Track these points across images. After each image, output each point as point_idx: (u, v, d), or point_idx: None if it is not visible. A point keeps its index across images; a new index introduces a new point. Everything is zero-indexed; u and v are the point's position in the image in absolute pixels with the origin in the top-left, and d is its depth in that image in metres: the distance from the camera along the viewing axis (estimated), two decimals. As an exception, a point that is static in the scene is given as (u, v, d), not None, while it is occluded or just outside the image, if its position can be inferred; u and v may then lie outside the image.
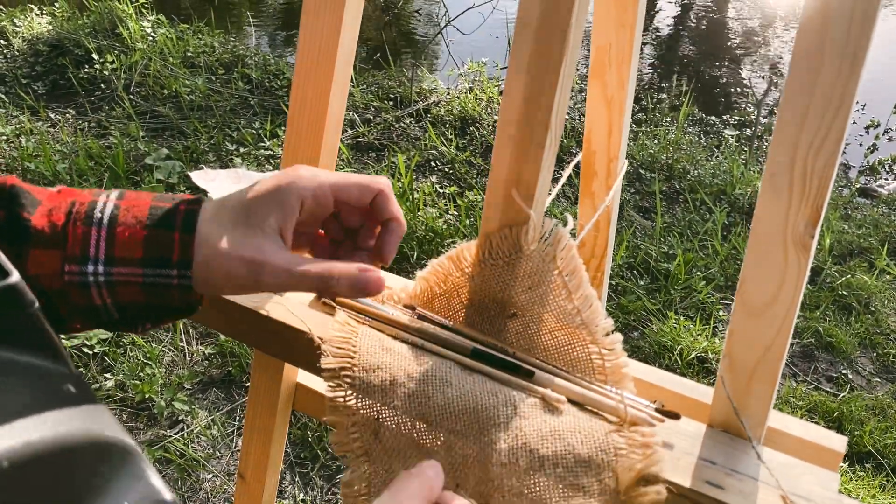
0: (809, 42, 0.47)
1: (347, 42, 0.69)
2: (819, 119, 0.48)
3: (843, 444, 0.59)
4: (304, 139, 0.73)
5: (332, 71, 0.69)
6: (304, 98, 0.71)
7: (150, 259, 0.52)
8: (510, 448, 0.55)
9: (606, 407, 0.57)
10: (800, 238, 0.52)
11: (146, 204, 0.54)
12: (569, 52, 0.57)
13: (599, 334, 0.61)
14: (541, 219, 0.61)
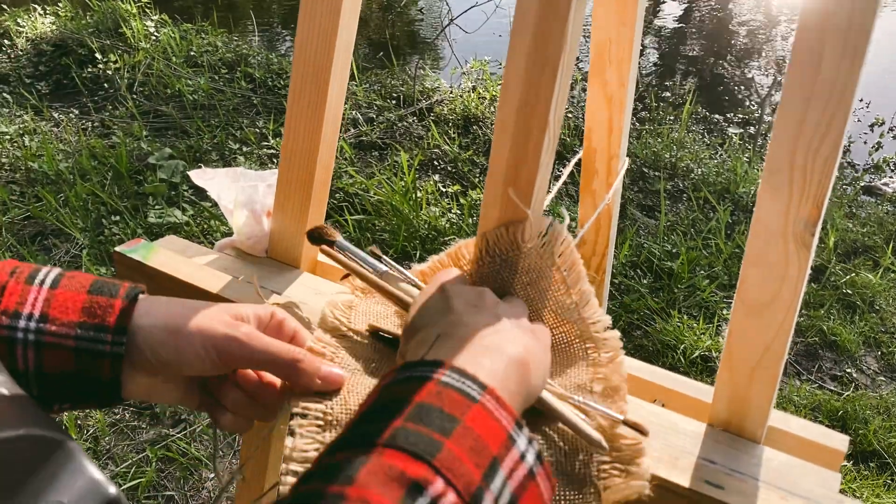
0: (809, 38, 0.46)
1: (346, 33, 0.69)
2: (819, 115, 0.47)
3: (844, 444, 0.58)
4: (301, 138, 0.72)
5: (331, 64, 0.69)
6: (302, 95, 0.71)
7: (87, 323, 0.52)
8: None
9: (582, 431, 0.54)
10: (800, 236, 0.51)
11: (91, 277, 0.55)
12: (566, 51, 0.57)
13: (598, 330, 0.60)
14: (539, 216, 0.61)
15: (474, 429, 0.40)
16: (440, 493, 0.36)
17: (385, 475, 0.36)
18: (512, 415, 0.42)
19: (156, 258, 0.76)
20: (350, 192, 2.82)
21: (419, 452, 0.37)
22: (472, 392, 0.42)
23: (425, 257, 2.34)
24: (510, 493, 0.39)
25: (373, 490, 0.35)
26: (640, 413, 0.60)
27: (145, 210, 2.72)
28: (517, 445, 0.41)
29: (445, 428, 0.39)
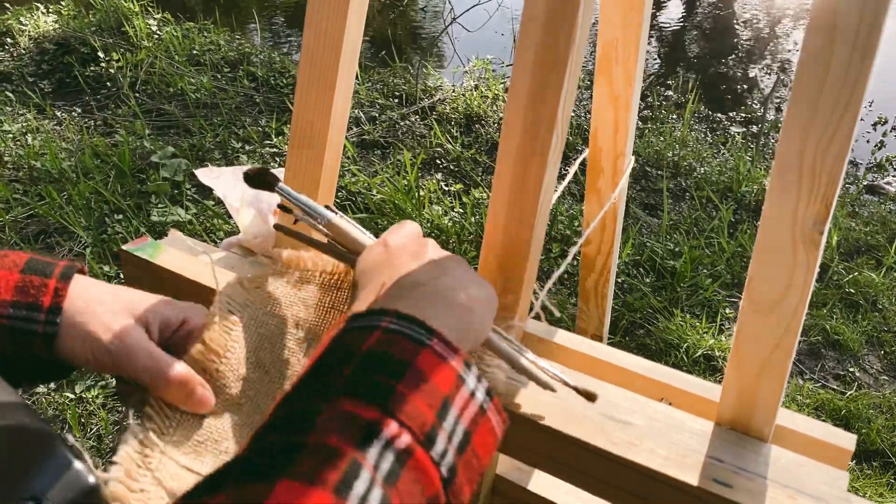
0: (819, 37, 0.46)
1: (353, 35, 0.69)
2: (829, 114, 0.47)
3: (851, 442, 0.58)
4: (308, 134, 0.72)
5: (337, 67, 0.69)
6: (309, 91, 0.71)
7: (19, 303, 0.52)
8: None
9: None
10: (809, 234, 0.51)
11: (27, 255, 0.55)
12: (575, 48, 0.57)
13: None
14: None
15: (424, 371, 0.41)
16: (395, 434, 0.38)
17: (341, 421, 0.37)
18: (460, 355, 0.44)
19: (162, 257, 0.77)
20: (353, 190, 2.82)
21: (372, 398, 0.39)
22: (420, 337, 0.43)
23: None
24: (463, 430, 0.41)
25: (330, 436, 0.36)
26: (646, 412, 0.60)
27: (148, 208, 2.72)
28: (467, 384, 0.43)
29: (396, 373, 0.40)
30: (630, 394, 0.62)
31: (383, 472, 0.36)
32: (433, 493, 0.38)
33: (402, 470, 0.37)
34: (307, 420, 0.38)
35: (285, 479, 0.34)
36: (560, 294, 2.52)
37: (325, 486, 0.34)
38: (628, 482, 0.56)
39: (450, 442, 0.40)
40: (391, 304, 0.47)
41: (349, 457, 0.36)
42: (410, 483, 0.37)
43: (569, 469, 0.59)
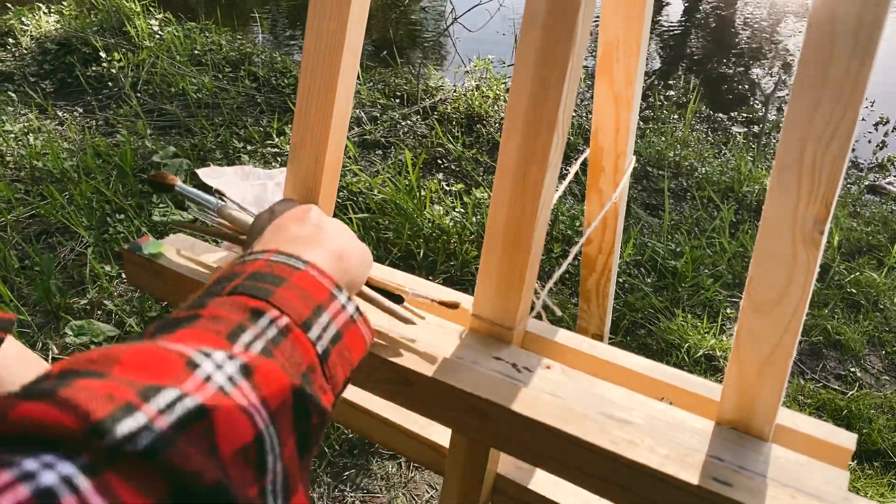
0: (819, 34, 0.46)
1: (354, 34, 0.69)
2: (829, 113, 0.47)
3: (852, 442, 0.58)
4: (310, 134, 0.72)
5: (339, 63, 0.69)
6: (311, 92, 0.71)
7: None
8: None
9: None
10: (809, 234, 0.51)
11: None
12: (576, 47, 0.57)
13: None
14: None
15: (301, 285, 0.48)
16: (276, 316, 0.44)
17: (231, 304, 0.44)
18: (332, 280, 0.50)
19: (163, 256, 0.77)
20: (354, 190, 2.82)
21: (257, 294, 0.45)
22: (297, 265, 0.50)
23: (430, 255, 2.33)
24: (336, 329, 0.48)
25: (221, 310, 0.43)
26: (646, 410, 0.60)
27: (150, 208, 2.73)
28: (339, 299, 0.50)
29: (277, 282, 0.47)
30: (630, 393, 0.62)
31: (268, 336, 0.43)
32: (311, 362, 0.44)
33: (283, 338, 0.43)
34: (202, 303, 0.44)
35: (184, 329, 0.41)
36: (561, 294, 2.52)
37: (218, 333, 0.41)
38: (628, 481, 0.56)
39: (324, 331, 0.47)
40: (280, 239, 0.55)
41: (237, 321, 0.42)
42: (290, 348, 0.43)
43: (569, 468, 0.59)
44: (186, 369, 0.36)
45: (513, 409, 0.59)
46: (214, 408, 0.35)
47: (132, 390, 0.33)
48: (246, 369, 0.39)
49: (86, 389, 0.32)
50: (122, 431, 0.31)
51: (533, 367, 0.65)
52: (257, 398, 0.38)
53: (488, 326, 0.68)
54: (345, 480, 1.84)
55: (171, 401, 0.34)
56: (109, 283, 2.38)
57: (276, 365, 0.41)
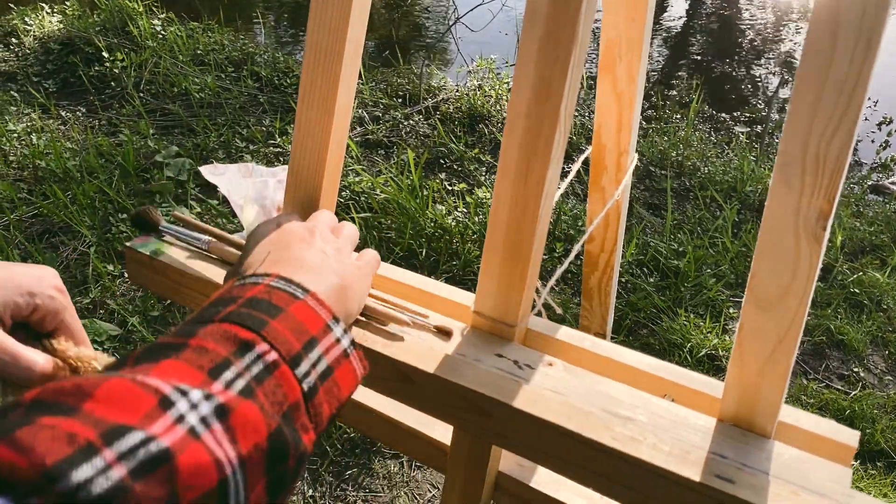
0: (822, 28, 0.46)
1: (356, 34, 0.69)
2: (831, 109, 0.47)
3: (855, 439, 0.58)
4: (312, 133, 0.72)
5: (340, 64, 0.69)
6: (313, 91, 0.71)
7: None
8: None
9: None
10: (811, 230, 0.51)
11: None
12: (578, 45, 0.57)
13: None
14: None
15: (296, 316, 0.48)
16: (265, 350, 0.44)
17: (220, 335, 0.44)
18: (330, 312, 0.51)
19: (166, 253, 0.77)
20: (356, 190, 2.82)
21: (249, 325, 0.45)
22: (297, 293, 0.50)
23: (432, 255, 2.32)
24: (326, 364, 0.48)
25: (209, 341, 0.43)
26: (649, 408, 0.60)
27: (152, 208, 2.73)
28: (334, 332, 0.50)
29: (272, 312, 0.47)
30: (633, 390, 0.62)
31: (252, 373, 0.42)
32: (295, 401, 0.44)
33: (268, 376, 0.43)
34: (192, 331, 0.44)
35: (169, 360, 0.41)
36: (563, 293, 2.52)
37: (201, 368, 0.41)
38: (630, 478, 0.56)
39: (313, 368, 0.46)
40: (275, 270, 0.54)
41: (223, 356, 0.42)
42: (273, 386, 0.43)
43: (571, 465, 0.59)
44: (158, 408, 0.36)
45: (515, 406, 0.59)
46: (179, 452, 0.35)
47: (96, 431, 0.33)
48: (221, 410, 0.38)
49: (47, 428, 0.32)
50: (77, 478, 0.30)
51: (535, 364, 0.65)
52: (228, 442, 0.38)
53: (490, 324, 0.68)
54: (347, 479, 1.84)
55: (135, 444, 0.33)
56: (112, 283, 2.38)
57: (255, 406, 0.41)
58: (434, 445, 0.83)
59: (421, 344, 0.66)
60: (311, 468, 1.87)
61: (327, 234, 0.64)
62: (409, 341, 0.66)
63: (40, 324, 0.59)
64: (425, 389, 0.63)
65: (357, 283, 0.60)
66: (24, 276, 0.57)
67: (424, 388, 0.63)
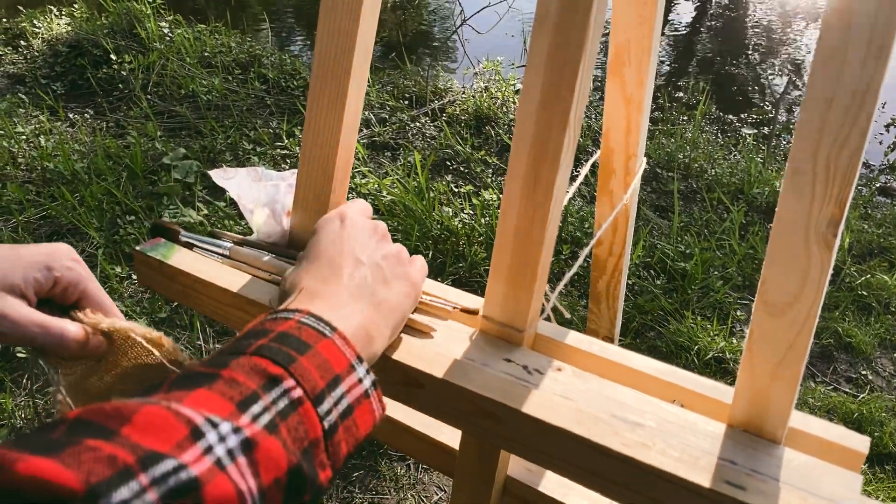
0: (832, 36, 0.46)
1: (366, 35, 0.69)
2: (842, 116, 0.47)
3: (865, 445, 0.58)
4: (321, 136, 0.73)
5: (350, 64, 0.69)
6: (322, 95, 0.71)
7: None
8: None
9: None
10: (822, 236, 0.51)
11: None
12: (588, 48, 0.57)
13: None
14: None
15: (323, 354, 0.50)
16: (291, 387, 0.46)
17: (251, 367, 0.46)
18: (355, 352, 0.53)
19: (176, 257, 0.77)
20: (363, 191, 2.83)
21: (278, 360, 0.47)
22: (325, 331, 0.52)
23: (438, 257, 2.32)
24: (347, 403, 0.50)
25: (239, 374, 0.45)
26: (658, 413, 0.60)
27: (160, 210, 2.74)
28: (357, 372, 0.52)
29: (300, 349, 0.49)
30: (642, 395, 0.62)
31: (278, 408, 0.45)
32: (315, 438, 0.46)
33: (292, 412, 0.45)
34: (225, 362, 0.46)
35: (202, 389, 0.43)
36: (570, 296, 2.51)
37: (231, 400, 0.43)
38: (640, 484, 0.56)
39: (335, 406, 0.49)
40: (318, 297, 0.57)
41: (252, 390, 0.45)
42: (296, 422, 0.45)
43: (580, 470, 0.59)
44: (190, 438, 0.39)
45: (523, 412, 0.59)
46: (206, 482, 0.38)
47: (134, 455, 0.36)
48: (247, 444, 0.41)
49: (91, 450, 0.35)
50: (117, 499, 0.33)
51: (544, 369, 0.65)
52: (251, 475, 0.40)
53: (498, 328, 0.68)
54: (353, 482, 1.85)
55: (167, 471, 0.36)
56: (119, 285, 2.39)
57: (278, 442, 0.43)
58: (441, 449, 0.83)
59: (429, 348, 0.66)
60: (318, 470, 1.87)
61: (387, 235, 0.66)
62: (417, 346, 0.66)
63: (64, 296, 0.61)
64: (433, 394, 0.63)
65: (398, 313, 0.62)
66: (39, 252, 0.60)
67: (433, 392, 0.63)
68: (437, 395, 0.63)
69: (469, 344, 0.67)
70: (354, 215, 0.67)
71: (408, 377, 0.64)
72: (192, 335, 2.25)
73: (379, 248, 0.64)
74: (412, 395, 0.65)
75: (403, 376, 0.64)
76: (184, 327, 2.26)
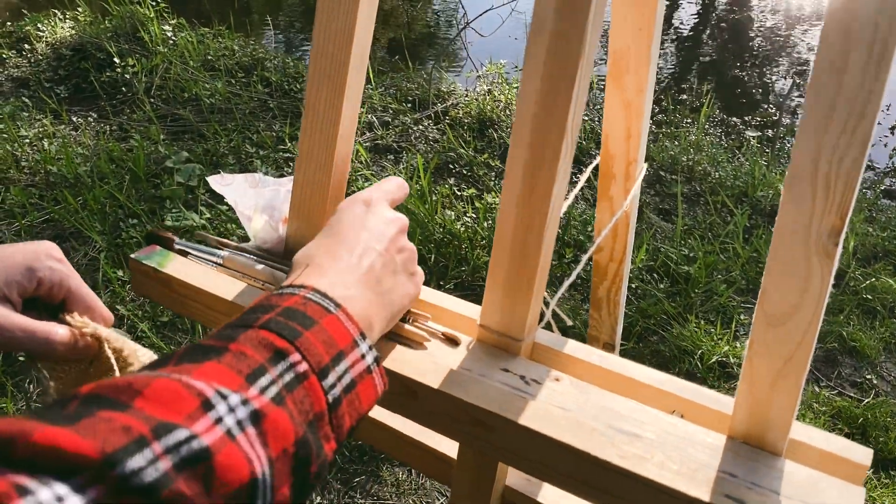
0: (834, 42, 0.45)
1: (361, 44, 0.69)
2: (843, 122, 0.46)
3: (868, 457, 0.57)
4: (317, 143, 0.72)
5: (346, 74, 0.68)
6: (318, 102, 0.71)
7: None
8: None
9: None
10: (823, 246, 0.50)
11: None
12: (585, 56, 0.56)
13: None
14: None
15: (328, 329, 0.51)
16: (297, 361, 0.47)
17: (258, 341, 0.47)
18: (358, 328, 0.54)
19: (171, 265, 0.76)
20: (365, 195, 2.82)
21: (284, 334, 0.48)
22: (330, 307, 0.53)
23: (441, 261, 2.31)
24: (350, 378, 0.50)
25: (248, 347, 0.46)
26: (657, 424, 0.59)
27: (162, 213, 2.74)
28: (360, 348, 0.52)
29: (306, 324, 0.50)
30: (641, 406, 0.61)
31: (284, 381, 0.46)
32: (320, 411, 0.47)
33: (297, 385, 0.46)
34: (233, 336, 0.47)
35: (211, 362, 0.44)
36: (573, 300, 2.50)
37: (240, 373, 0.44)
38: (638, 497, 0.55)
39: (339, 381, 0.49)
40: (326, 274, 0.57)
41: (260, 363, 0.45)
42: (302, 395, 0.46)
43: (577, 482, 0.58)
44: (200, 409, 0.40)
45: (520, 423, 0.58)
46: (217, 451, 0.39)
47: (147, 426, 0.37)
48: (256, 416, 0.42)
49: (106, 421, 0.36)
50: (131, 466, 0.34)
51: (541, 379, 0.64)
52: (260, 445, 0.41)
53: (496, 338, 0.67)
54: (355, 487, 1.84)
55: (180, 441, 0.37)
56: (122, 288, 2.39)
57: (285, 414, 0.44)
58: (440, 458, 0.82)
59: (426, 359, 0.65)
60: (320, 475, 1.87)
61: (405, 230, 0.67)
62: (414, 355, 0.66)
63: (49, 297, 0.61)
64: (430, 405, 0.63)
65: (399, 305, 0.63)
66: (21, 252, 0.59)
67: (429, 403, 0.63)
68: (434, 406, 0.63)
69: (466, 353, 0.67)
70: (380, 203, 0.67)
71: (404, 387, 0.63)
72: (193, 339, 2.25)
73: (395, 242, 0.65)
74: (408, 406, 0.65)
75: (400, 387, 0.64)
76: (185, 331, 2.26)
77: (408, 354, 0.66)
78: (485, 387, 0.62)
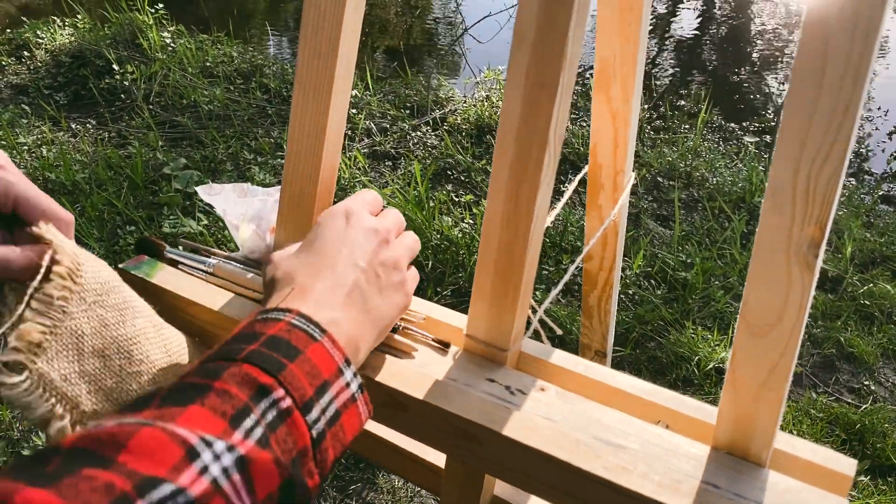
0: (810, 55, 0.45)
1: (347, 54, 0.69)
2: (821, 136, 0.46)
3: (852, 468, 0.57)
4: (303, 154, 0.72)
5: (332, 84, 0.68)
6: (304, 113, 0.71)
7: None
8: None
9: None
10: (803, 257, 0.50)
11: None
12: (567, 66, 0.56)
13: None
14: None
15: (312, 359, 0.51)
16: (281, 397, 0.47)
17: (242, 378, 0.47)
18: (343, 355, 0.53)
19: (159, 275, 0.77)
20: (363, 202, 2.82)
21: (268, 368, 0.48)
22: (315, 333, 0.53)
23: (438, 267, 2.31)
24: (335, 409, 0.51)
25: (232, 386, 0.46)
26: (642, 435, 0.59)
27: (160, 220, 2.74)
28: (344, 376, 0.52)
29: (290, 355, 0.50)
30: (626, 417, 0.61)
31: (267, 420, 0.46)
32: (303, 447, 0.47)
33: (281, 423, 0.46)
34: (217, 372, 0.47)
35: (195, 405, 0.44)
36: (570, 306, 2.50)
37: (224, 415, 0.44)
38: (622, 507, 0.55)
39: (323, 414, 0.49)
40: (310, 297, 0.57)
41: (244, 402, 0.45)
42: (286, 433, 0.46)
43: (561, 494, 0.58)
44: (185, 459, 0.40)
45: (504, 434, 0.58)
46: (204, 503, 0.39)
47: (130, 483, 0.36)
48: (242, 462, 0.42)
49: (88, 479, 0.36)
50: None
51: (527, 389, 0.64)
52: (246, 493, 0.41)
53: (482, 347, 0.67)
54: (350, 494, 1.84)
55: (165, 496, 0.37)
56: (119, 295, 2.38)
57: (270, 457, 0.44)
58: (429, 469, 0.82)
59: (411, 368, 0.65)
60: (315, 483, 1.86)
61: (382, 252, 0.64)
62: (399, 366, 0.66)
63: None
64: (415, 416, 0.63)
65: (387, 321, 0.62)
66: None
67: (414, 414, 0.63)
68: (418, 418, 0.62)
69: (452, 363, 0.67)
70: (360, 213, 0.65)
71: (389, 398, 0.63)
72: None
73: (379, 253, 0.63)
74: (396, 418, 0.65)
75: (387, 398, 0.64)
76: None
77: (394, 366, 0.66)
78: (470, 397, 0.62)
